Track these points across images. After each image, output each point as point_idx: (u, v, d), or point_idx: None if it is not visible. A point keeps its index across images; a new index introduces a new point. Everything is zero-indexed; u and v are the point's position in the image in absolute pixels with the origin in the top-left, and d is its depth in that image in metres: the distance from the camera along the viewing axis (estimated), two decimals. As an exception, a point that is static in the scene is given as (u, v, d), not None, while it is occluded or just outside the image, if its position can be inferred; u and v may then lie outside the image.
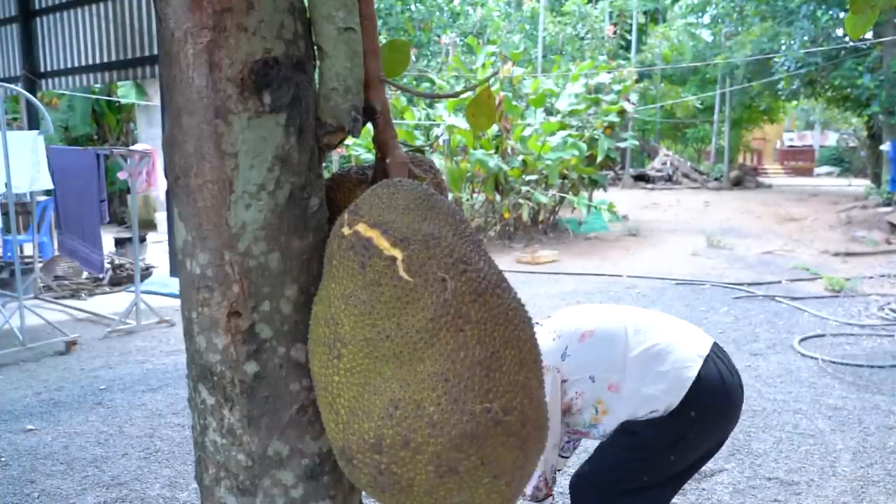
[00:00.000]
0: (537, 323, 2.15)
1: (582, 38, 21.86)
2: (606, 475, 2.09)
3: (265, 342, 1.05)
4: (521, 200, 10.83)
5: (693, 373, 1.98)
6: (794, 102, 21.93)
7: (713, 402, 2.01)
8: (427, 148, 11.20)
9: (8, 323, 5.41)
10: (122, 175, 6.81)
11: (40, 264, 7.67)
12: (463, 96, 9.24)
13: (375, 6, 1.16)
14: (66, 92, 11.54)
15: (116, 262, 8.30)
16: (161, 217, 11.87)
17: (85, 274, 7.81)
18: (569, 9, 22.45)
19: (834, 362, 5.03)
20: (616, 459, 2.07)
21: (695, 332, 2.15)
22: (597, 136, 11.78)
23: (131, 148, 6.85)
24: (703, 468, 3.41)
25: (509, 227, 11.36)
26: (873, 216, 12.28)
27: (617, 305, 2.28)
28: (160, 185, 6.69)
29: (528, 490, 2.11)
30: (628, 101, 12.75)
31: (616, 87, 12.66)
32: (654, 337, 2.06)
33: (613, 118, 12.06)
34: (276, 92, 1.01)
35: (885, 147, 14.50)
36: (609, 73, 13.05)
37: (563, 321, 2.14)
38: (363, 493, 1.15)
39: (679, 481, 2.15)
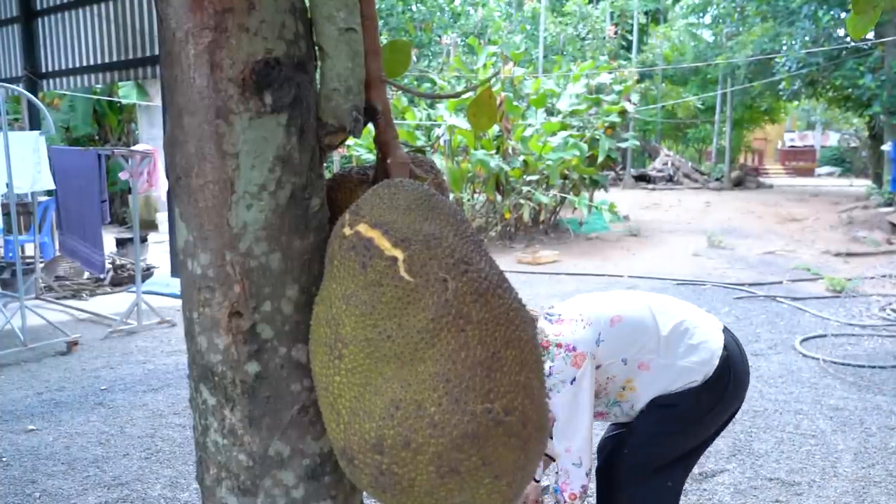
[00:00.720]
0: (550, 315, 2.18)
1: (583, 39, 21.86)
2: (644, 453, 2.15)
3: (266, 342, 1.05)
4: (521, 201, 10.83)
5: (721, 342, 2.15)
6: (796, 103, 21.92)
7: (739, 367, 2.18)
8: (428, 148, 11.20)
9: (9, 323, 5.41)
10: (123, 175, 6.82)
11: (41, 264, 7.68)
12: (464, 97, 9.24)
13: (376, 6, 1.16)
14: (67, 92, 11.55)
15: (117, 262, 8.30)
16: (162, 217, 11.88)
17: (86, 274, 7.81)
18: (570, 9, 22.45)
19: (835, 363, 5.02)
20: (653, 434, 2.14)
21: (701, 310, 2.30)
22: (598, 137, 11.77)
23: (132, 148, 6.85)
24: (705, 468, 3.41)
25: (510, 228, 11.36)
26: (874, 216, 12.27)
27: (626, 290, 2.32)
28: (161, 186, 6.68)
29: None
30: (629, 101, 12.74)
31: (617, 88, 12.66)
32: (677, 314, 2.18)
33: (614, 118, 12.05)
34: (278, 92, 1.01)
35: (887, 147, 14.49)
36: (610, 73, 13.05)
37: (586, 308, 2.17)
38: (364, 493, 1.15)
39: (696, 456, 2.27)
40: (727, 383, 2.15)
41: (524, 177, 10.94)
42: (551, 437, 2.12)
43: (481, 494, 0.95)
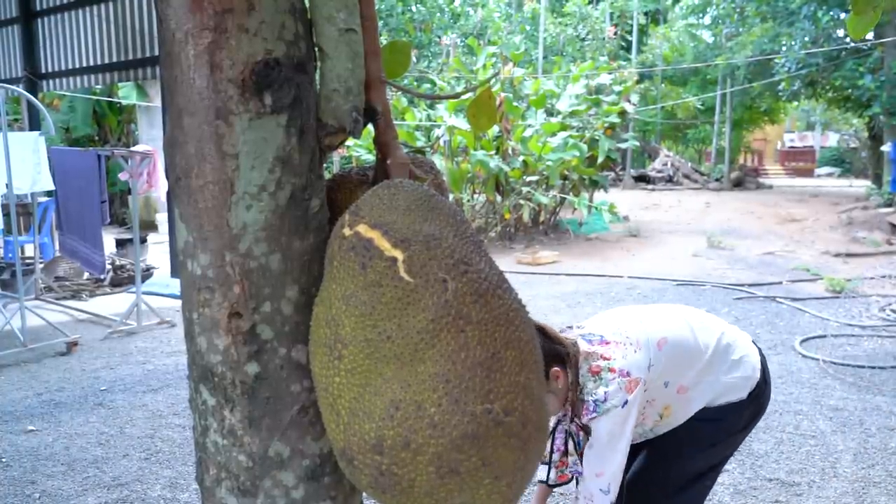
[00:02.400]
0: (589, 336, 2.10)
1: (583, 39, 21.87)
2: (691, 469, 2.13)
3: (266, 343, 1.05)
4: (521, 201, 10.83)
5: (757, 355, 2.18)
6: (795, 103, 21.94)
7: (769, 377, 2.22)
8: (428, 149, 11.20)
9: (9, 324, 5.41)
10: (123, 176, 6.82)
11: (41, 265, 7.68)
12: (464, 97, 9.24)
13: (376, 7, 1.16)
14: (67, 93, 11.55)
15: (117, 262, 8.30)
16: (162, 218, 11.87)
17: (86, 275, 7.81)
18: (569, 10, 22.46)
19: (835, 363, 5.02)
20: (699, 451, 2.13)
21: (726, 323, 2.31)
22: (597, 137, 11.77)
23: (132, 149, 6.85)
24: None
25: (510, 228, 11.36)
26: (874, 217, 12.27)
27: (660, 306, 2.29)
28: (161, 186, 6.68)
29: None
30: (629, 101, 12.74)
31: (617, 88, 12.66)
32: (715, 329, 2.17)
33: (614, 119, 12.06)
34: (277, 93, 1.01)
35: (886, 148, 14.49)
36: (610, 73, 13.05)
37: (630, 330, 2.09)
38: (364, 494, 1.15)
39: (727, 459, 2.29)
40: (767, 393, 2.18)
41: (524, 177, 10.94)
42: (581, 460, 2.07)
43: (481, 495, 0.95)
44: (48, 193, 7.41)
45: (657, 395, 2.06)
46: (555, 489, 2.53)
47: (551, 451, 2.32)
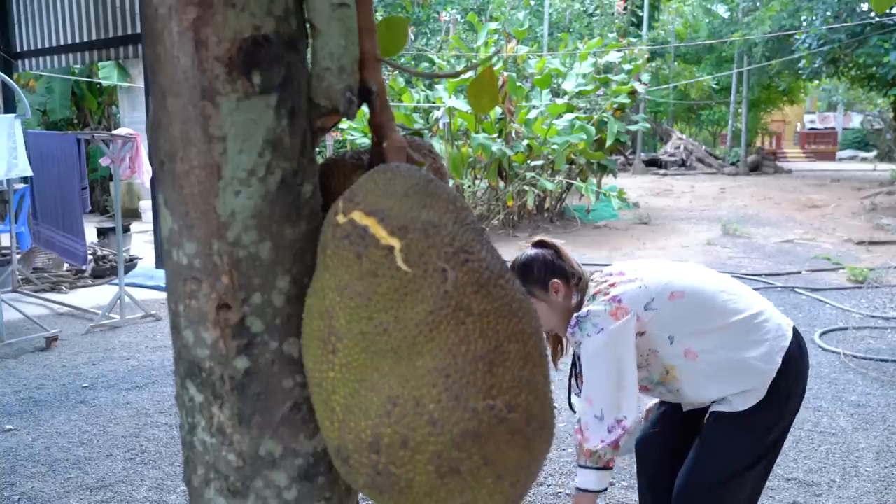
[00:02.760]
0: (609, 272, 2.22)
1: (590, 15, 21.78)
2: (739, 463, 2.13)
3: (256, 336, 1.05)
4: (525, 187, 10.82)
5: (786, 342, 2.16)
6: (816, 82, 21.88)
7: (801, 368, 2.22)
8: (426, 131, 11.18)
9: (-15, 318, 5.42)
10: (104, 161, 6.82)
11: (18, 256, 7.68)
12: (464, 76, 9.22)
13: (371, -20, 1.16)
14: (44, 73, 11.50)
15: (99, 253, 8.30)
16: (146, 205, 11.87)
17: (66, 266, 7.82)
18: (576, -17, 22.36)
19: (857, 357, 5.03)
20: (721, 449, 2.14)
21: (771, 304, 2.27)
22: (606, 119, 11.75)
23: (114, 132, 6.85)
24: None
25: (513, 216, 11.36)
26: (899, 202, 12.26)
27: (701, 266, 2.29)
28: (144, 172, 6.68)
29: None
30: (639, 81, 12.71)
31: (626, 67, 12.62)
32: (750, 304, 2.15)
33: (624, 99, 12.02)
34: (267, 72, 1.01)
35: (912, 129, 14.47)
36: (619, 51, 13.00)
37: (650, 273, 2.16)
38: (360, 494, 1.16)
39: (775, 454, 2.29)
40: (792, 387, 2.17)
41: (528, 162, 10.93)
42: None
43: (483, 495, 0.95)
44: (24, 180, 7.40)
45: (660, 349, 2.11)
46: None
47: (571, 376, 2.40)
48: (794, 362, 2.17)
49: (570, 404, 2.43)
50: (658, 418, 2.43)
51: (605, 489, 2.16)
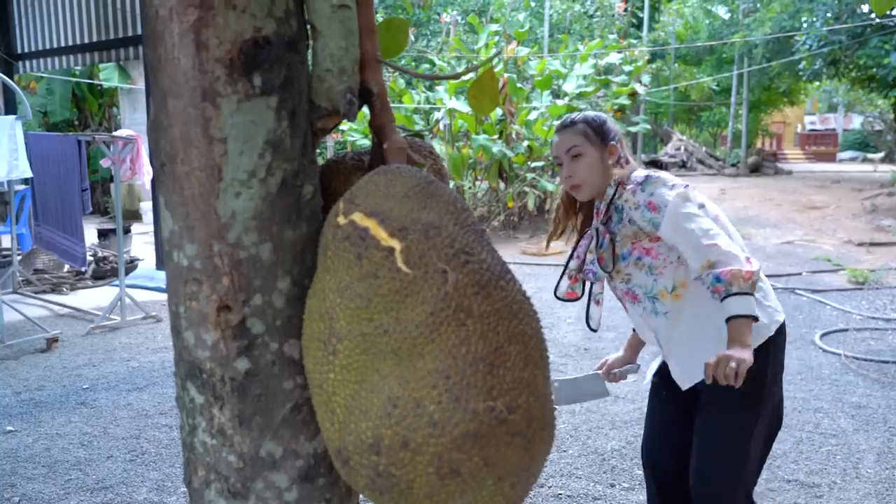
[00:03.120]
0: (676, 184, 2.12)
1: (591, 16, 21.78)
2: (747, 441, 2.12)
3: (257, 338, 1.05)
4: (526, 188, 10.82)
5: (782, 318, 2.12)
6: (816, 83, 21.87)
7: (781, 355, 2.15)
8: (427, 133, 11.18)
9: (-15, 319, 5.42)
10: (104, 163, 6.81)
11: (19, 257, 7.68)
12: (465, 78, 9.23)
13: (371, -18, 1.16)
14: (44, 75, 11.52)
15: (100, 254, 8.30)
16: (146, 207, 11.87)
17: (66, 267, 7.82)
18: (577, -15, 22.37)
19: (857, 358, 5.03)
20: (749, 416, 2.10)
21: None
22: (607, 120, 11.74)
23: (114, 134, 6.84)
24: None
25: (514, 217, 11.35)
26: (899, 204, 12.26)
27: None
28: (145, 173, 6.68)
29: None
30: (640, 82, 12.72)
31: (627, 68, 12.63)
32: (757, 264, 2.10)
33: (624, 101, 12.03)
34: (267, 73, 1.01)
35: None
36: (619, 52, 13.02)
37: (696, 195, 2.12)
38: (361, 495, 1.16)
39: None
40: (772, 362, 2.09)
41: (529, 163, 10.93)
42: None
43: (483, 497, 0.95)
44: (25, 181, 7.41)
45: (675, 259, 2.08)
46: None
47: (570, 258, 2.36)
48: (783, 338, 2.14)
49: (556, 290, 2.39)
50: (656, 422, 2.39)
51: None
